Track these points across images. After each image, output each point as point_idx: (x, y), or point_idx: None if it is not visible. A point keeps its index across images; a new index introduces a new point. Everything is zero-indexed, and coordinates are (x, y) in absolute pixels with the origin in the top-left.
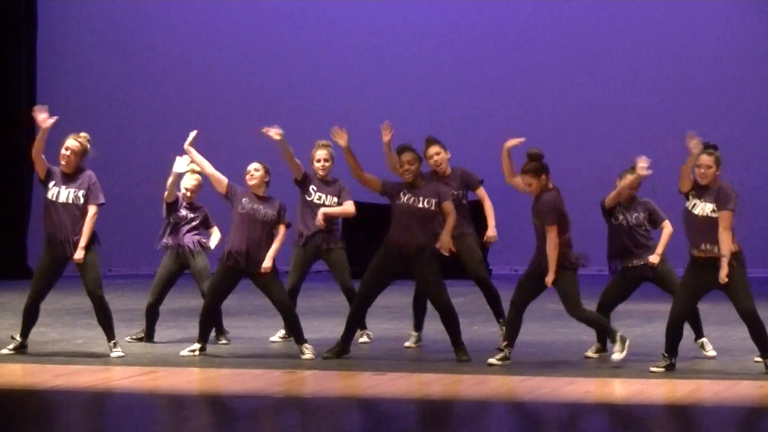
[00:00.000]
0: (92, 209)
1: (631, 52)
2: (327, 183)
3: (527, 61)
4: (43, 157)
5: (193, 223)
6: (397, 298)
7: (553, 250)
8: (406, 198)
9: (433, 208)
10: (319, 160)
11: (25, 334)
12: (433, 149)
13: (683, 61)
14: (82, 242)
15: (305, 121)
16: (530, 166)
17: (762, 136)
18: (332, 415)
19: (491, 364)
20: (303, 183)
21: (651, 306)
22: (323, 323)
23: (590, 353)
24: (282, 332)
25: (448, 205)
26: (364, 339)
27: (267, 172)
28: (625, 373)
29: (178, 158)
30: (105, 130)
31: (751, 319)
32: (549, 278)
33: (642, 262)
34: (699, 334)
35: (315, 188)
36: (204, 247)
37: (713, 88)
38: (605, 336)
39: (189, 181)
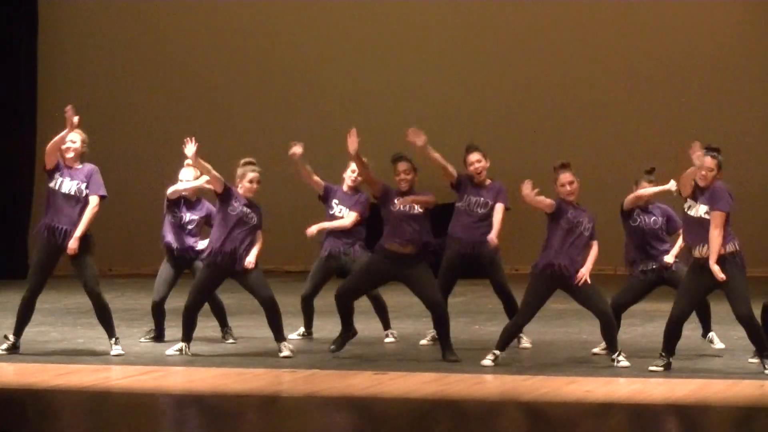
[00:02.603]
0: (93, 200)
1: (633, 52)
2: (351, 195)
3: (529, 61)
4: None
5: (190, 227)
6: (397, 297)
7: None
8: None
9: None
10: (354, 171)
11: (18, 332)
12: (474, 156)
13: (684, 61)
14: (78, 232)
15: (306, 122)
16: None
17: (762, 136)
18: (333, 414)
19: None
20: (326, 198)
21: (651, 306)
22: (323, 323)
23: (597, 350)
24: (301, 330)
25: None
26: (390, 339)
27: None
28: (625, 372)
29: (183, 171)
30: (105, 130)
31: (747, 323)
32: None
33: (657, 265)
34: (707, 329)
35: (337, 201)
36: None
37: (713, 88)
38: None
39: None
